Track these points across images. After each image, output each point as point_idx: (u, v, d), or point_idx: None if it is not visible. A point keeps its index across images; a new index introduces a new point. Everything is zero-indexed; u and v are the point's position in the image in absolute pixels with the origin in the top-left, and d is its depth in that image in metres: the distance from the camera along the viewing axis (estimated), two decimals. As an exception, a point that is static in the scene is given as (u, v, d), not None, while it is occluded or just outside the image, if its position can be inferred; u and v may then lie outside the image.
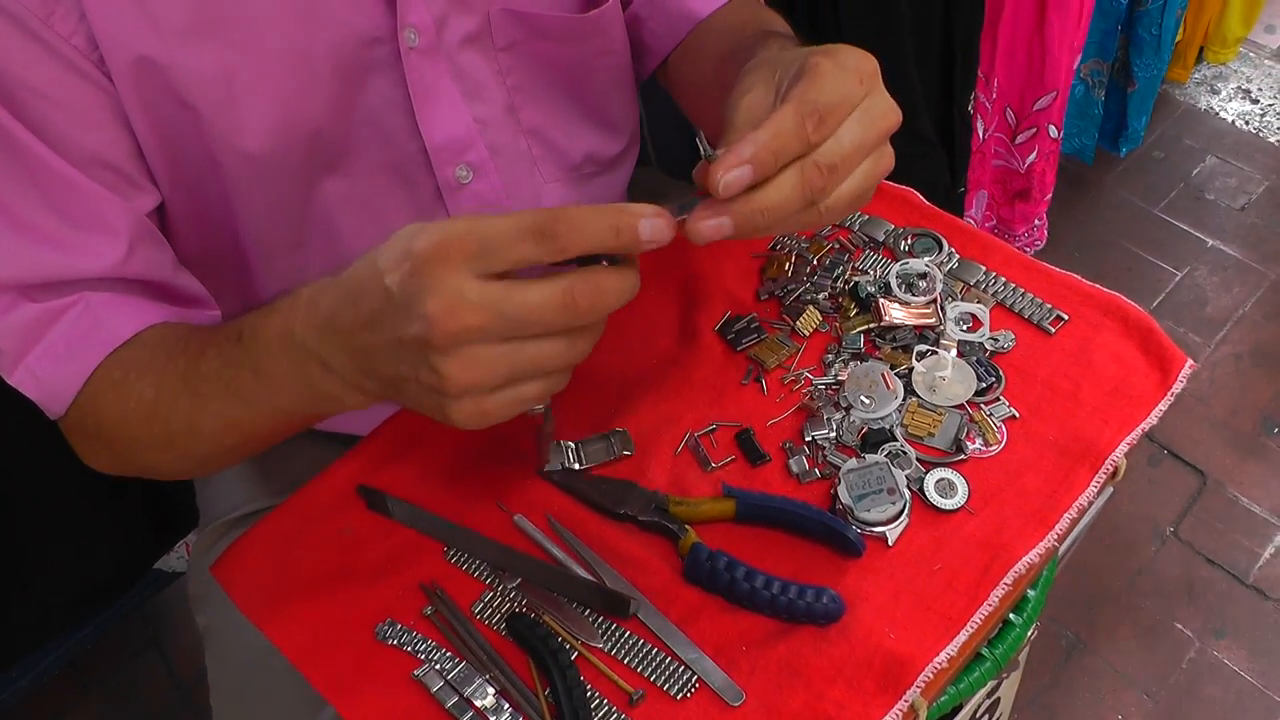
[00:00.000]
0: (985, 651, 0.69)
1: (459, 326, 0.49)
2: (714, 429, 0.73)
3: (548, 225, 0.50)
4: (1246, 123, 2.26)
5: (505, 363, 0.51)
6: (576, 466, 0.71)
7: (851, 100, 0.56)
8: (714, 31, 0.85)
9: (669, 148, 1.15)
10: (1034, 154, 1.63)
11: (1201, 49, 2.04)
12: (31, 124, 0.64)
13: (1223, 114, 2.28)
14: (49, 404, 0.69)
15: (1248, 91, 2.32)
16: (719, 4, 0.86)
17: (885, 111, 0.58)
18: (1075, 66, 1.63)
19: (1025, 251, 1.75)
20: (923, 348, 0.75)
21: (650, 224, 0.52)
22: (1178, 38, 1.90)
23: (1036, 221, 1.75)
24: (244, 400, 0.62)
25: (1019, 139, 1.62)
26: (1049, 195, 1.72)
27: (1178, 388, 0.72)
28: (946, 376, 0.73)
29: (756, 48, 0.69)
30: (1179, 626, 1.53)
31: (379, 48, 0.73)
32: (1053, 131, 1.60)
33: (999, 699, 0.86)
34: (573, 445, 0.72)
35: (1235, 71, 2.35)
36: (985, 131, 1.58)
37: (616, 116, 0.91)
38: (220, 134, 0.69)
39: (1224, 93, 2.32)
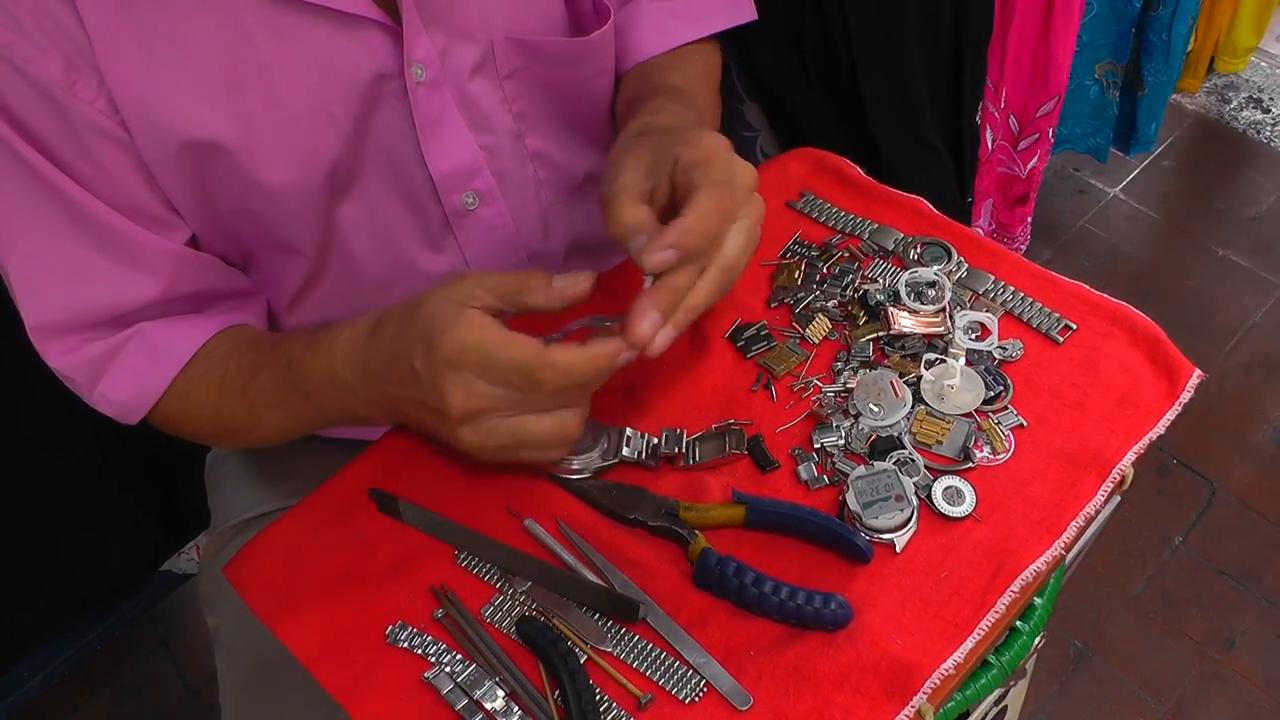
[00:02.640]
0: (992, 659, 0.69)
1: (472, 409, 0.61)
2: (723, 435, 0.73)
3: (534, 374, 0.60)
4: (1258, 132, 2.25)
5: (508, 433, 0.62)
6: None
7: (731, 182, 0.65)
8: (653, 68, 0.87)
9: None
10: (1035, 159, 1.63)
11: (1212, 59, 2.04)
12: (71, 176, 0.69)
13: (1233, 123, 2.28)
14: (124, 419, 0.76)
15: (1259, 101, 2.31)
16: (661, 50, 0.87)
17: (749, 181, 0.68)
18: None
19: (1017, 250, 1.75)
20: (931, 356, 0.75)
21: (625, 357, 0.62)
22: (1189, 47, 1.90)
23: (1029, 220, 1.76)
24: (296, 414, 0.73)
25: (1021, 145, 1.62)
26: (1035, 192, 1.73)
27: (1185, 397, 0.72)
28: (955, 385, 0.74)
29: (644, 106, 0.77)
30: (1188, 637, 1.53)
31: (388, 83, 0.74)
32: (1050, 135, 1.61)
33: (1006, 707, 0.86)
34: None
35: (1246, 81, 2.34)
36: (993, 141, 1.58)
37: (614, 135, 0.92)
38: (243, 174, 0.71)
39: (1235, 102, 2.32)
